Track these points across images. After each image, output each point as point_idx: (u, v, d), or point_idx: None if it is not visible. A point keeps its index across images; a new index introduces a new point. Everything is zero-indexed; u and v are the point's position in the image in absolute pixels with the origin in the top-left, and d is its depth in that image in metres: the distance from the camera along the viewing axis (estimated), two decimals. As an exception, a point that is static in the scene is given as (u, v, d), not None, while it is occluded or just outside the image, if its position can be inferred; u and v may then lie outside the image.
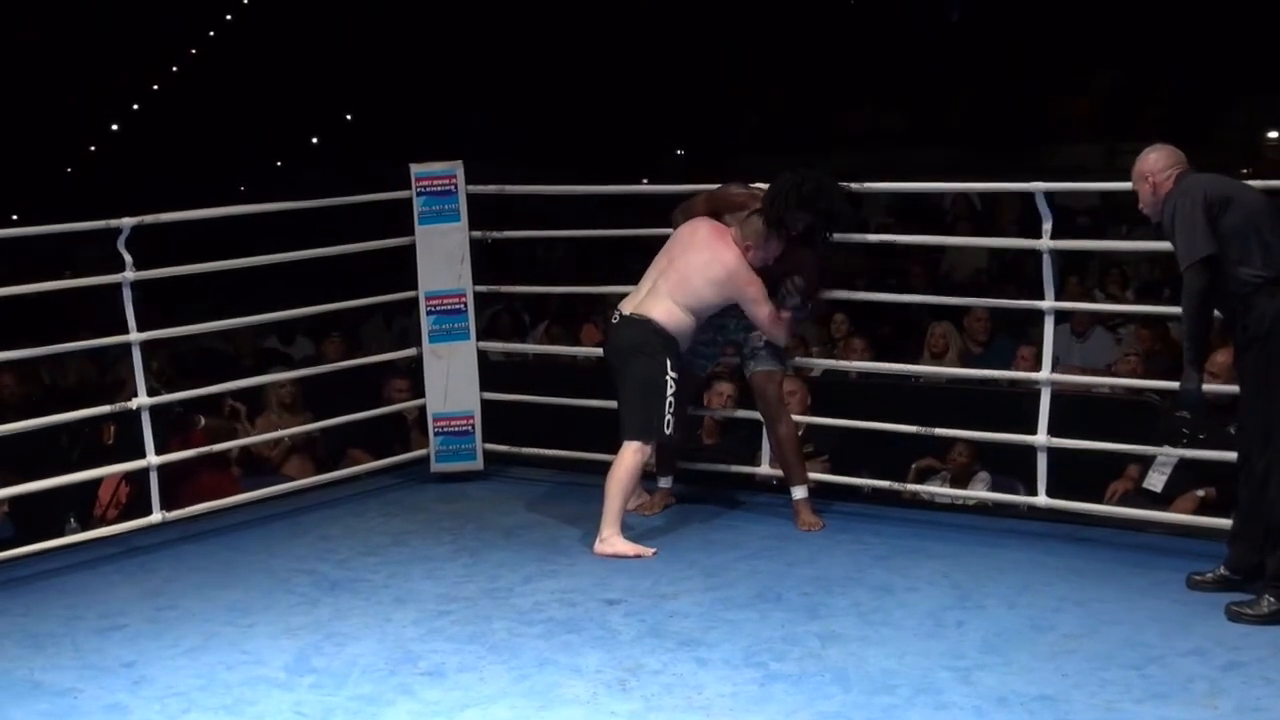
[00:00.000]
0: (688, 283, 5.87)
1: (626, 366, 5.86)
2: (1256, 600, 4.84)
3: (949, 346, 8.74)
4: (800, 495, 6.08)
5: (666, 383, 5.80)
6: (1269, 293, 4.79)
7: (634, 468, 5.78)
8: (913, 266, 11.15)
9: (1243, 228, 4.81)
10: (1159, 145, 5.10)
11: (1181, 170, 5.00)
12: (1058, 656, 4.54)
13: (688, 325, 5.90)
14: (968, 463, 6.83)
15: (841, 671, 4.46)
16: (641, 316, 5.86)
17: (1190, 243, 4.80)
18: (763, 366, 6.09)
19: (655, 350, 5.81)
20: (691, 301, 5.88)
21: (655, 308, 5.86)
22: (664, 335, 5.83)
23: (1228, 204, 4.84)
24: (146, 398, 6.04)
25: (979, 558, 5.57)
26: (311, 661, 4.66)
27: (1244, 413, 4.96)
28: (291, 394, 7.83)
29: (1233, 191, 4.91)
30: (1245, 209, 4.85)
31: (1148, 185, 5.03)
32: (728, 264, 5.85)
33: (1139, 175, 5.07)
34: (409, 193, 6.92)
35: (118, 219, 5.90)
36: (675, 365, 5.84)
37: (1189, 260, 4.80)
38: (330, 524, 6.31)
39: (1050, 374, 5.92)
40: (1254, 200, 4.92)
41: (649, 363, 5.80)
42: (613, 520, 5.73)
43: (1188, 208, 4.82)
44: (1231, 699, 4.20)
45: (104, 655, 4.77)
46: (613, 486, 5.75)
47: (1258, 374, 4.85)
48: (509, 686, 4.43)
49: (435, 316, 6.95)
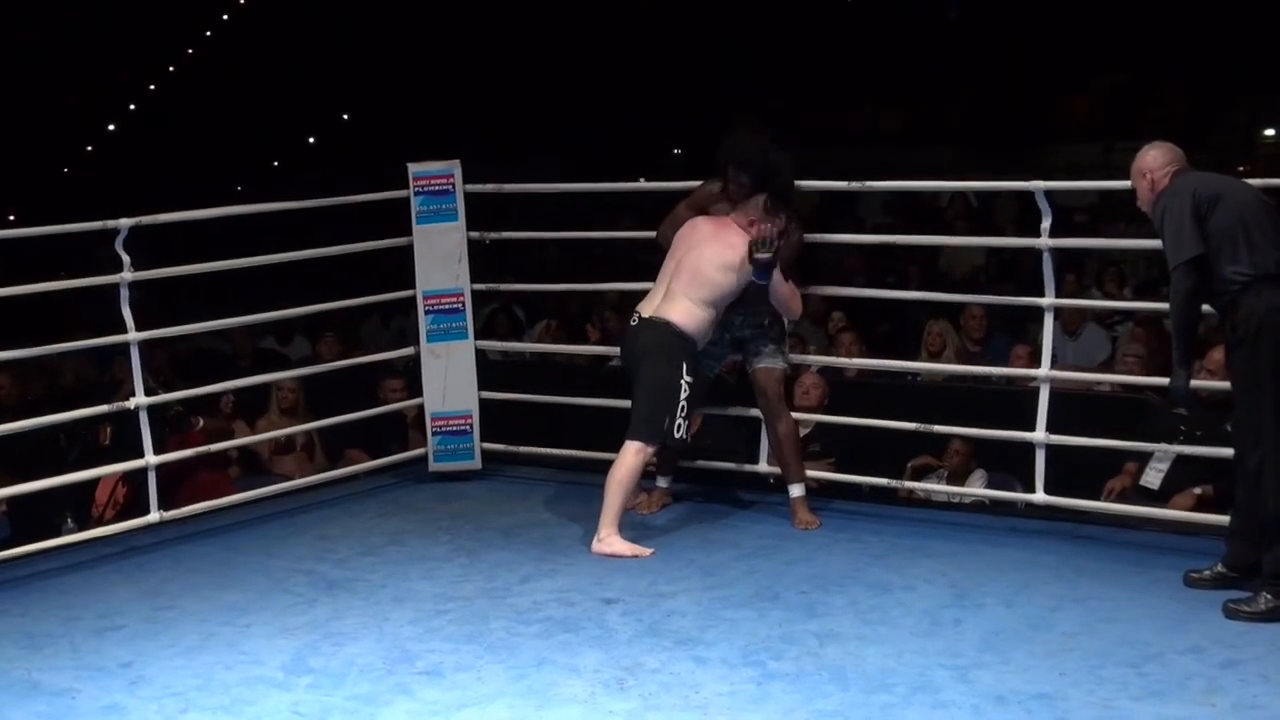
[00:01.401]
0: (702, 275, 5.85)
1: (641, 369, 5.86)
2: (1254, 597, 4.85)
3: (946, 345, 8.73)
4: (798, 494, 6.08)
5: (681, 386, 5.78)
6: (1256, 291, 4.80)
7: (635, 468, 5.78)
8: (910, 266, 11.15)
9: (1231, 227, 4.82)
10: (1158, 143, 5.12)
11: (1179, 168, 5.01)
12: (1055, 655, 4.54)
13: (707, 321, 5.88)
14: (964, 460, 6.83)
15: (839, 670, 4.46)
16: (661, 319, 5.84)
17: (1177, 243, 4.83)
18: (764, 363, 6.10)
19: (672, 353, 5.80)
20: (708, 294, 5.86)
21: (673, 310, 5.85)
22: (682, 338, 5.82)
23: (1216, 203, 4.84)
24: (144, 397, 6.04)
25: (977, 556, 5.57)
26: (309, 661, 4.66)
27: (1236, 411, 4.97)
28: (292, 398, 7.81)
29: (1223, 190, 4.91)
30: (1234, 208, 4.85)
31: (1146, 182, 5.05)
32: (739, 247, 5.84)
33: (1137, 172, 5.09)
34: (406, 192, 6.92)
35: (115, 219, 5.90)
36: (692, 369, 5.82)
37: (1176, 261, 4.83)
38: (328, 524, 6.31)
39: (1049, 371, 5.92)
40: (1244, 198, 4.92)
41: (665, 366, 5.78)
42: (611, 520, 5.73)
43: (1176, 208, 4.85)
44: (1229, 696, 4.20)
45: (102, 655, 4.77)
46: (613, 486, 5.74)
47: (1247, 373, 4.86)
48: (507, 686, 4.42)
49: (433, 316, 6.95)
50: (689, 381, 5.79)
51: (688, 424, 5.84)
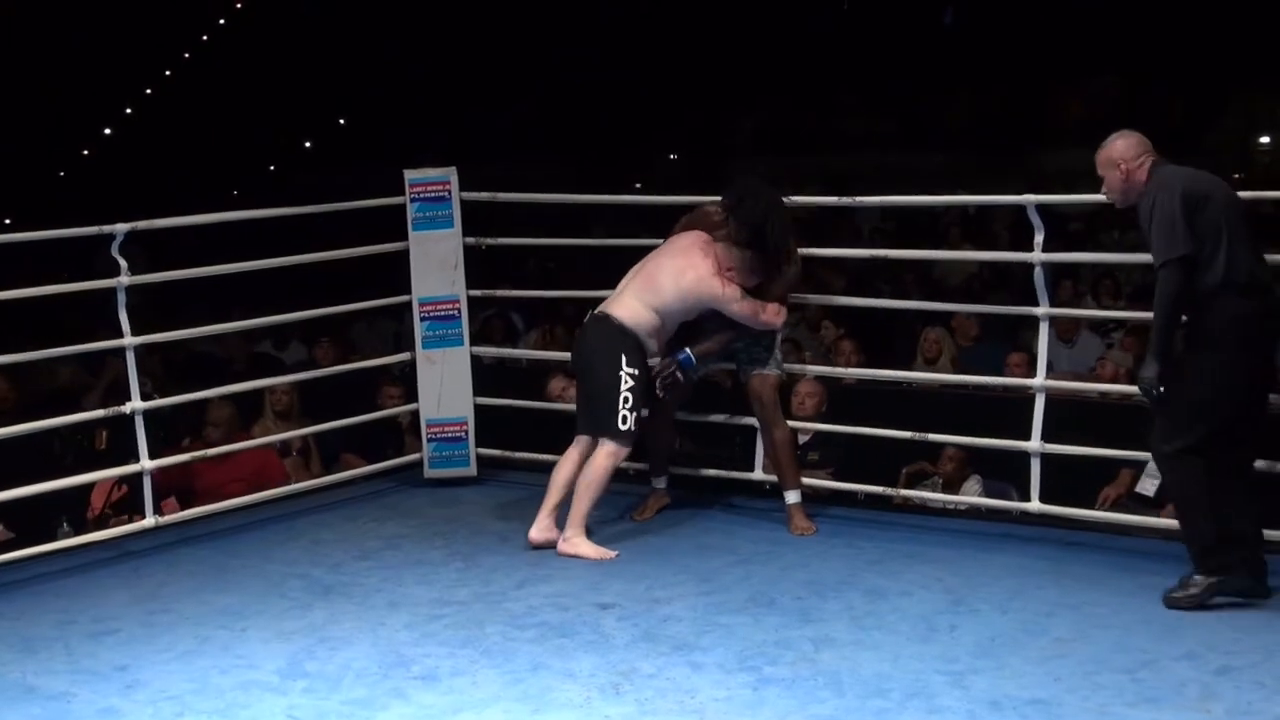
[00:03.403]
0: (655, 281, 5.92)
1: (588, 365, 5.92)
2: (1185, 582, 4.95)
3: (942, 352, 8.75)
4: (793, 500, 6.09)
5: (622, 379, 5.81)
6: (1223, 301, 4.80)
7: (606, 471, 5.82)
8: (906, 273, 11.16)
9: (1216, 229, 4.80)
10: (1125, 131, 5.05)
11: (1155, 159, 4.97)
12: (1050, 661, 4.55)
13: (652, 325, 5.92)
14: (959, 467, 6.83)
15: (835, 676, 4.46)
16: (604, 314, 5.94)
17: (1170, 240, 4.78)
18: (758, 370, 6.11)
19: (614, 348, 5.84)
20: (654, 301, 5.91)
21: (620, 308, 5.93)
22: (624, 332, 5.87)
23: (1205, 202, 4.82)
24: (140, 402, 6.04)
25: (972, 562, 5.58)
26: (305, 666, 4.66)
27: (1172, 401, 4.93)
28: (286, 400, 7.80)
29: (1211, 189, 4.89)
30: (1218, 210, 4.83)
31: (1119, 172, 4.99)
32: (700, 273, 5.87)
33: (1108, 162, 5.02)
34: (403, 199, 6.92)
35: (111, 224, 5.89)
36: (634, 362, 5.85)
37: (1167, 256, 4.79)
38: (324, 528, 6.31)
39: (1044, 380, 5.93)
40: (1227, 201, 4.90)
41: (607, 363, 5.84)
42: (579, 521, 5.79)
43: (1167, 202, 4.80)
44: (1224, 703, 4.21)
45: (97, 659, 4.77)
46: (582, 488, 5.80)
47: (1198, 373, 4.86)
48: (502, 690, 4.43)
49: (429, 322, 6.95)
50: (631, 374, 5.83)
51: (635, 415, 5.84)
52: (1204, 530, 4.93)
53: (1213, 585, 4.91)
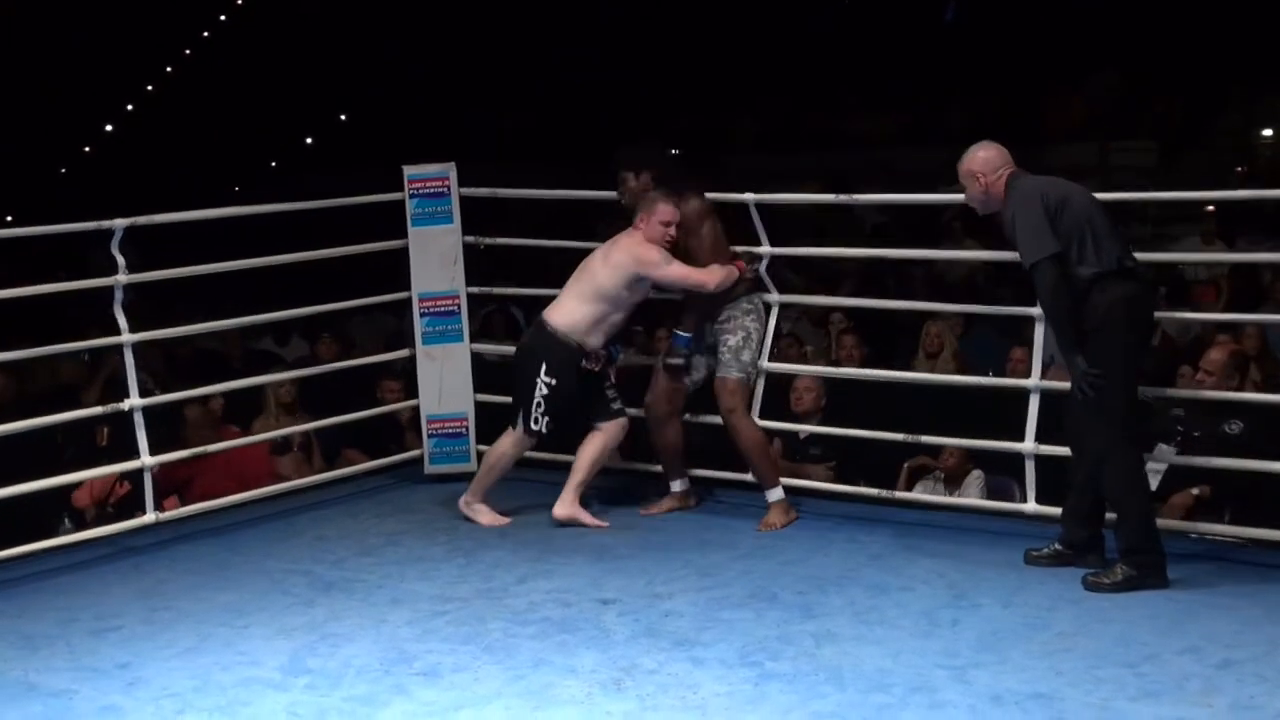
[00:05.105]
0: (588, 272, 6.07)
1: (516, 365, 6.17)
2: (1111, 569, 5.12)
3: (944, 345, 8.73)
4: (774, 498, 6.08)
5: (538, 385, 6.01)
6: (1101, 287, 5.08)
7: (504, 453, 6.20)
8: (914, 269, 11.12)
9: (1080, 228, 5.10)
10: (986, 143, 5.38)
11: (1011, 171, 5.28)
12: (1052, 655, 4.55)
13: (590, 318, 6.03)
14: (961, 461, 6.82)
15: (836, 670, 4.46)
16: (541, 320, 6.11)
17: (1039, 242, 5.08)
18: (720, 373, 6.10)
19: (538, 356, 6.04)
20: (590, 290, 6.04)
21: (556, 311, 6.10)
22: (554, 338, 6.02)
23: (1064, 206, 5.12)
24: (139, 399, 6.03)
25: (973, 556, 5.57)
26: (306, 662, 4.66)
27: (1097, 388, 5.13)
28: (290, 394, 7.81)
29: (1068, 193, 5.20)
30: (1078, 210, 5.14)
31: (979, 184, 5.30)
32: (625, 244, 6.03)
33: (968, 173, 5.34)
34: (402, 195, 6.92)
35: (110, 220, 5.89)
36: (554, 371, 6.00)
37: (1037, 257, 5.08)
38: (325, 525, 6.31)
39: (1040, 381, 5.89)
40: (1084, 200, 5.19)
41: (530, 365, 6.05)
42: (479, 490, 6.25)
43: (1027, 210, 5.11)
44: (1226, 697, 4.21)
45: (99, 656, 4.77)
46: (484, 467, 6.29)
47: (1100, 360, 5.07)
48: (504, 687, 4.43)
49: (429, 319, 6.95)
50: (548, 382, 6.00)
51: (547, 420, 6.03)
52: (1138, 526, 5.13)
53: (1133, 579, 5.09)
